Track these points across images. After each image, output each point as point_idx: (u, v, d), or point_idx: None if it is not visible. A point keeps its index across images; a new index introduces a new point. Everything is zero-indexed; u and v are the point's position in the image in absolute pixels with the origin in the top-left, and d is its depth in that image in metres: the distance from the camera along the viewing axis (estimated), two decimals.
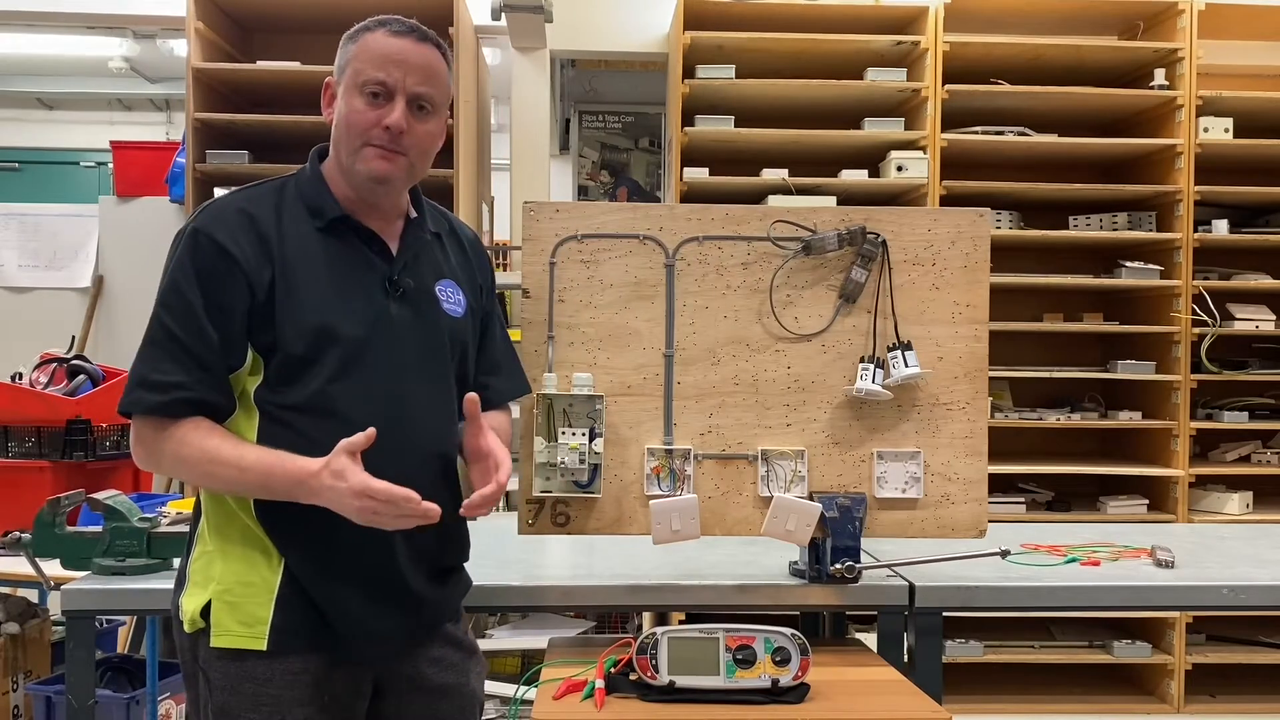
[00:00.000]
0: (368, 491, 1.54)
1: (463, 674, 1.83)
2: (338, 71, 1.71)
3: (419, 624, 1.76)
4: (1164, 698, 4.17)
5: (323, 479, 1.56)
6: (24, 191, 8.83)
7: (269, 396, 1.65)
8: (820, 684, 1.73)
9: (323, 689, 1.65)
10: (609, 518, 2.09)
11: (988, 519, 2.15)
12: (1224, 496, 4.26)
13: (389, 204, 1.75)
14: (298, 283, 1.64)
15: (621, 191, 5.76)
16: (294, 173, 1.77)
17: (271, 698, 1.63)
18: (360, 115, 1.66)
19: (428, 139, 1.72)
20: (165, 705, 3.15)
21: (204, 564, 1.68)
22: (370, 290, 1.69)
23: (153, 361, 1.62)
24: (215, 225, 1.64)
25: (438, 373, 1.76)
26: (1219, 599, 2.17)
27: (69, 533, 2.24)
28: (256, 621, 1.63)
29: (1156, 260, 4.28)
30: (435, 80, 1.70)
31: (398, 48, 1.67)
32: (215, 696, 1.64)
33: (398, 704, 1.76)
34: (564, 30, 4.57)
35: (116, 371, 3.70)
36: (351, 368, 1.65)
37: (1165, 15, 4.26)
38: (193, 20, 4.09)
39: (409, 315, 1.72)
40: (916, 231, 2.14)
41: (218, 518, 1.68)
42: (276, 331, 1.63)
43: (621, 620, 4.48)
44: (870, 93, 4.24)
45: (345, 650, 1.67)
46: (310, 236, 1.68)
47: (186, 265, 1.62)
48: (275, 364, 1.64)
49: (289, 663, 1.64)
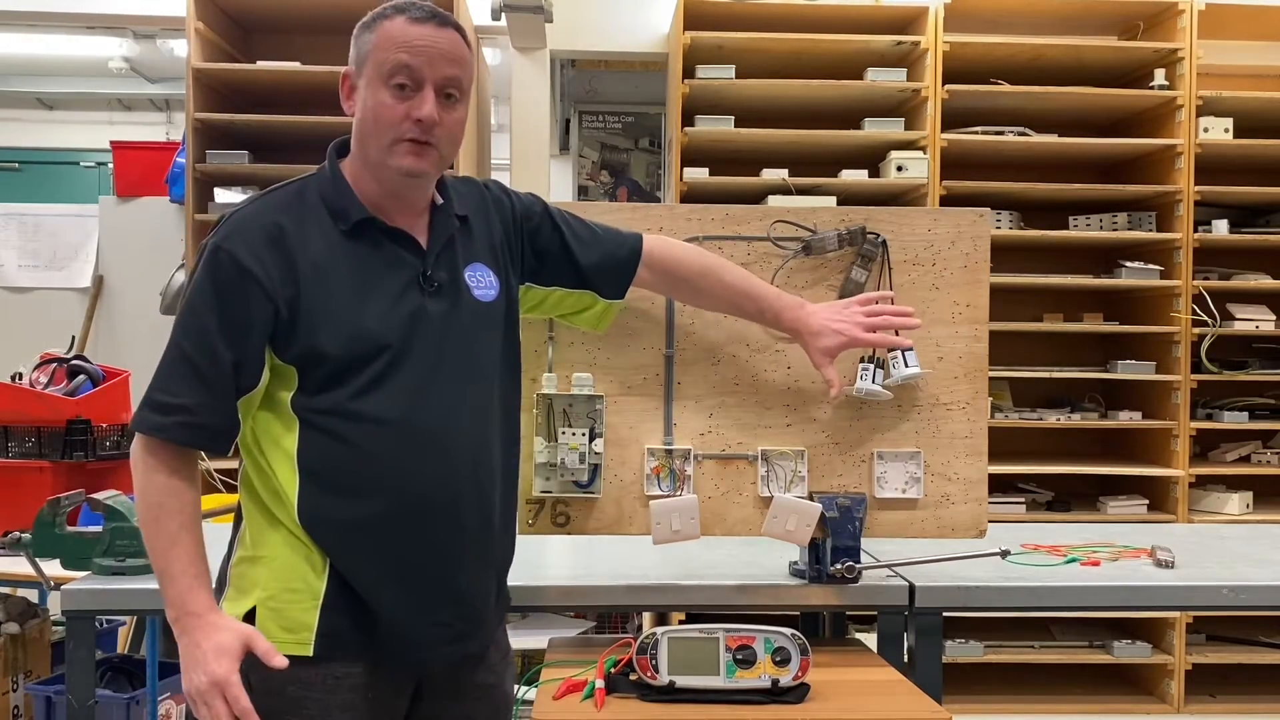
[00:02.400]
0: (219, 687, 1.51)
1: (499, 675, 1.81)
2: (356, 63, 1.64)
3: (472, 634, 1.73)
4: (1164, 698, 4.17)
5: (202, 640, 1.54)
6: (24, 191, 8.82)
7: (307, 404, 1.61)
8: (820, 684, 1.73)
9: (366, 693, 1.63)
10: (609, 518, 2.09)
11: (988, 519, 2.15)
12: (1224, 496, 4.26)
13: (418, 197, 1.70)
14: (328, 290, 1.60)
15: (621, 191, 5.75)
16: (313, 174, 1.71)
17: (315, 702, 1.61)
18: (389, 109, 1.60)
19: (457, 127, 1.65)
20: (165, 705, 3.15)
21: (245, 569, 1.66)
22: (404, 290, 1.65)
23: (163, 382, 1.59)
24: (236, 241, 1.59)
25: (482, 362, 1.71)
26: (1219, 599, 2.17)
27: (69, 533, 2.25)
28: (302, 628, 1.61)
29: (1156, 260, 4.28)
30: (462, 65, 1.63)
31: (421, 34, 1.60)
32: (258, 701, 1.60)
33: (435, 705, 1.73)
34: (564, 30, 4.57)
35: (116, 371, 3.70)
36: (390, 370, 1.61)
37: (1165, 15, 4.26)
38: (193, 20, 4.09)
39: (446, 309, 1.67)
40: (916, 231, 2.14)
41: (259, 523, 1.65)
42: (310, 340, 1.59)
43: (621, 620, 4.48)
44: (870, 93, 4.24)
45: (392, 656, 1.65)
46: (336, 242, 1.63)
47: (205, 284, 1.59)
48: (310, 372, 1.60)
49: (333, 668, 1.62)
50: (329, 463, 1.60)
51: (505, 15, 4.19)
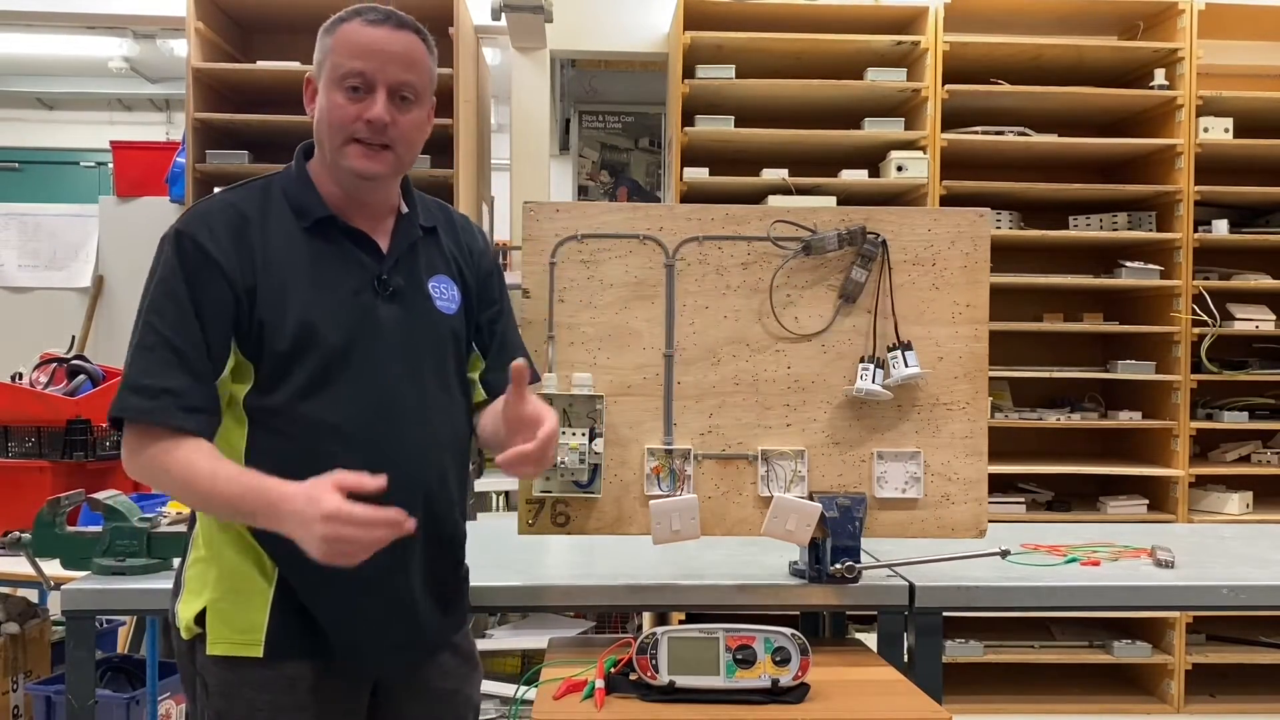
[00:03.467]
0: (338, 516, 1.43)
1: (461, 680, 1.81)
2: (316, 66, 1.67)
3: (422, 642, 1.73)
4: (1164, 698, 4.17)
5: (295, 503, 1.47)
6: (24, 191, 8.83)
7: (258, 402, 1.61)
8: (820, 684, 1.73)
9: (319, 694, 1.64)
10: (609, 518, 2.09)
11: (988, 519, 2.15)
12: (1224, 496, 4.26)
13: (378, 200, 1.71)
14: (283, 283, 1.61)
15: (621, 191, 5.76)
16: (279, 172, 1.73)
17: (268, 703, 1.62)
18: (341, 110, 1.62)
19: (413, 129, 1.66)
20: (165, 705, 3.15)
21: (199, 571, 1.66)
22: (358, 291, 1.65)
23: (143, 366, 1.57)
24: (198, 227, 1.61)
25: (434, 373, 1.71)
26: (1219, 599, 2.17)
27: (69, 533, 2.24)
28: (251, 629, 1.61)
29: (1156, 260, 4.28)
30: (416, 67, 1.65)
31: (374, 37, 1.62)
32: (212, 702, 1.63)
33: (396, 707, 1.74)
34: (564, 30, 4.57)
35: (116, 371, 3.69)
36: (336, 370, 1.61)
37: (1165, 15, 4.26)
38: (193, 20, 4.09)
39: (400, 315, 1.67)
40: (916, 231, 2.14)
41: (211, 524, 1.66)
42: (262, 332, 1.59)
43: (621, 620, 4.48)
44: (870, 93, 4.24)
45: (342, 659, 1.65)
46: (296, 237, 1.64)
47: (175, 267, 1.60)
48: (262, 368, 1.61)
49: (285, 669, 1.62)
50: (274, 464, 1.56)
51: (505, 15, 4.19)
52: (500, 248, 4.96)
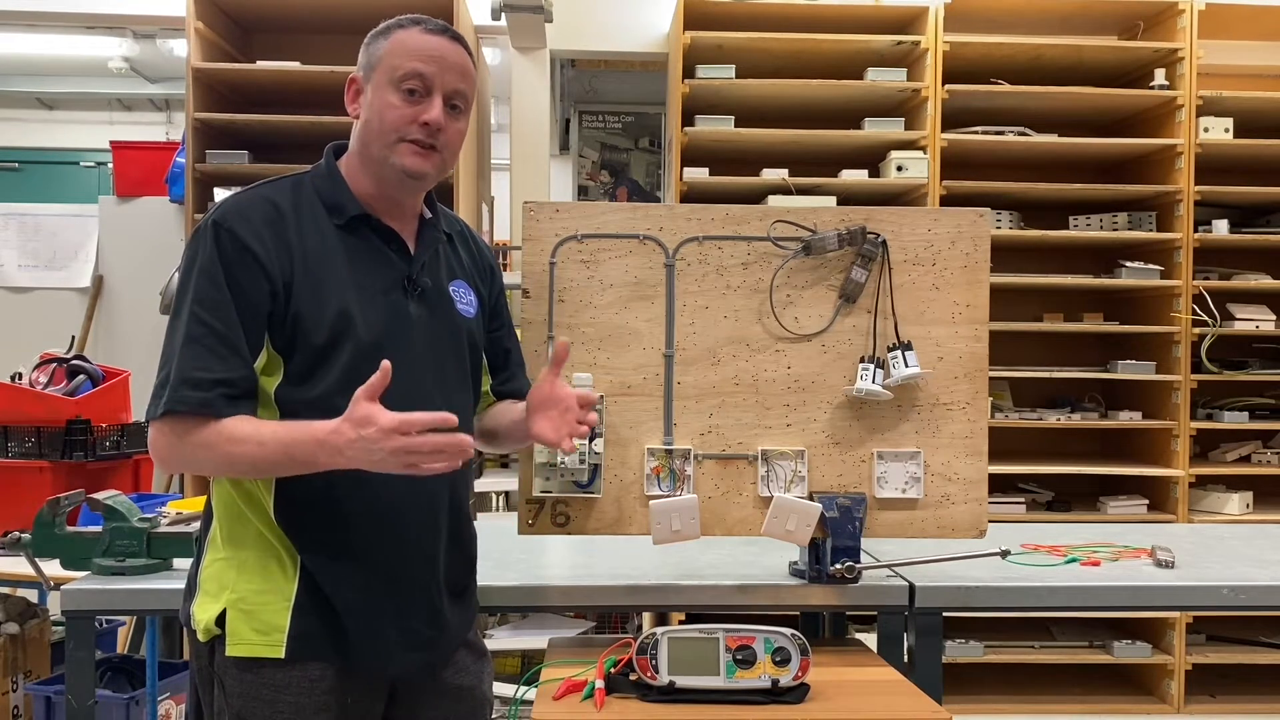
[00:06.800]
0: (404, 426, 1.46)
1: (476, 677, 1.83)
2: (365, 68, 1.70)
3: (443, 639, 1.75)
4: (1164, 698, 4.17)
5: (345, 432, 1.49)
6: (24, 191, 8.83)
7: (289, 394, 1.62)
8: (820, 684, 1.73)
9: (340, 695, 1.64)
10: (609, 518, 2.09)
11: (988, 519, 2.15)
12: (1224, 496, 4.26)
13: (413, 202, 1.75)
14: (319, 277, 1.62)
15: (621, 191, 5.76)
16: (309, 170, 1.74)
17: (289, 704, 1.61)
18: (396, 111, 1.65)
19: (458, 137, 1.72)
20: (165, 705, 3.14)
21: (216, 571, 1.66)
22: (388, 289, 1.68)
23: (193, 357, 1.57)
24: (236, 219, 1.61)
25: (454, 373, 1.76)
26: (1219, 599, 2.17)
27: (69, 533, 2.24)
28: (273, 630, 1.61)
29: (1156, 260, 4.28)
30: (468, 80, 1.71)
31: (435, 45, 1.67)
32: (232, 703, 1.62)
33: (412, 706, 1.75)
34: (564, 30, 4.57)
35: (116, 371, 3.70)
36: (368, 365, 1.59)
37: (1165, 15, 4.27)
38: (193, 20, 4.09)
39: (426, 315, 1.72)
40: (916, 231, 2.14)
41: (230, 523, 1.66)
42: (297, 325, 1.60)
43: (621, 620, 4.48)
44: (870, 93, 4.24)
45: (361, 658, 1.66)
46: (329, 234, 1.67)
47: (214, 259, 1.59)
48: (295, 360, 1.62)
49: (307, 670, 1.62)
50: None
51: (505, 15, 4.19)
52: (500, 247, 4.96)
